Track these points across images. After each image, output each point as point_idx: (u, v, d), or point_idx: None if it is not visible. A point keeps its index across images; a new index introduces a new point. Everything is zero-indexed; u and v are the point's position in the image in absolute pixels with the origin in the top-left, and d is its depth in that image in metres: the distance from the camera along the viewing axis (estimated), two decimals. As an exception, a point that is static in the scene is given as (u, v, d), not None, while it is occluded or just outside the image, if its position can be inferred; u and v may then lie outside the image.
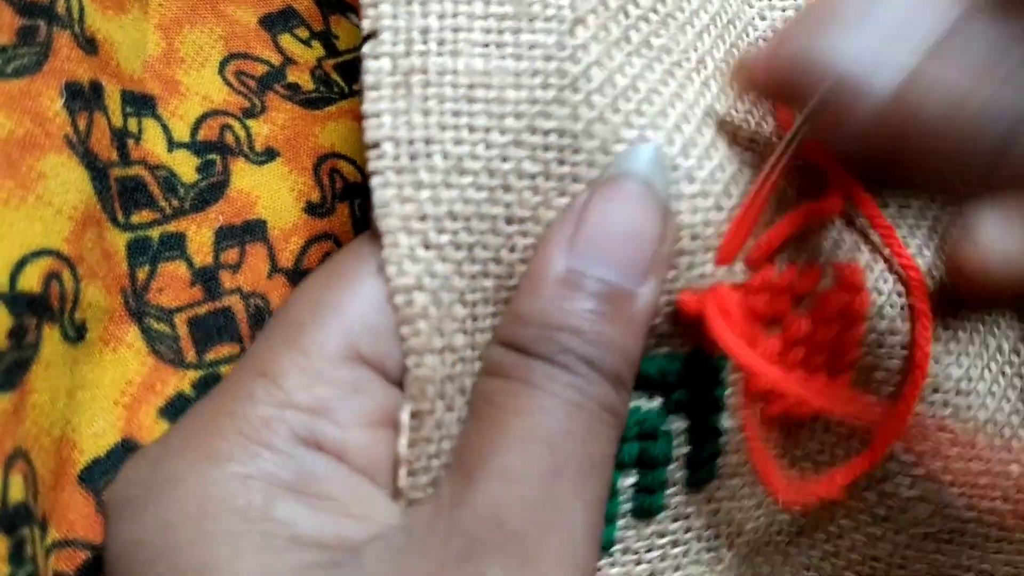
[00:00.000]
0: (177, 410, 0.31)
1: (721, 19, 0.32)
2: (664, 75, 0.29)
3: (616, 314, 0.26)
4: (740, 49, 0.33)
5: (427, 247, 0.27)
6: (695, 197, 0.28)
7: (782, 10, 0.34)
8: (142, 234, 0.31)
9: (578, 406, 0.25)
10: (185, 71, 0.34)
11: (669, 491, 0.30)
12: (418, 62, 0.27)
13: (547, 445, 0.25)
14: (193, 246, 0.32)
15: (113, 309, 0.30)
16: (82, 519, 0.29)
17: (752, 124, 0.31)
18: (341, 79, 0.37)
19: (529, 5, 0.28)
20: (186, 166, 0.33)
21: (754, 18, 0.34)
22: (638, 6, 0.29)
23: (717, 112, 0.30)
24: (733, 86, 0.30)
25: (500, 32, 0.27)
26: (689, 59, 0.30)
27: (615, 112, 0.28)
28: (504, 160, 0.27)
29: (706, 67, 0.31)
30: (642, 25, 0.29)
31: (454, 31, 0.27)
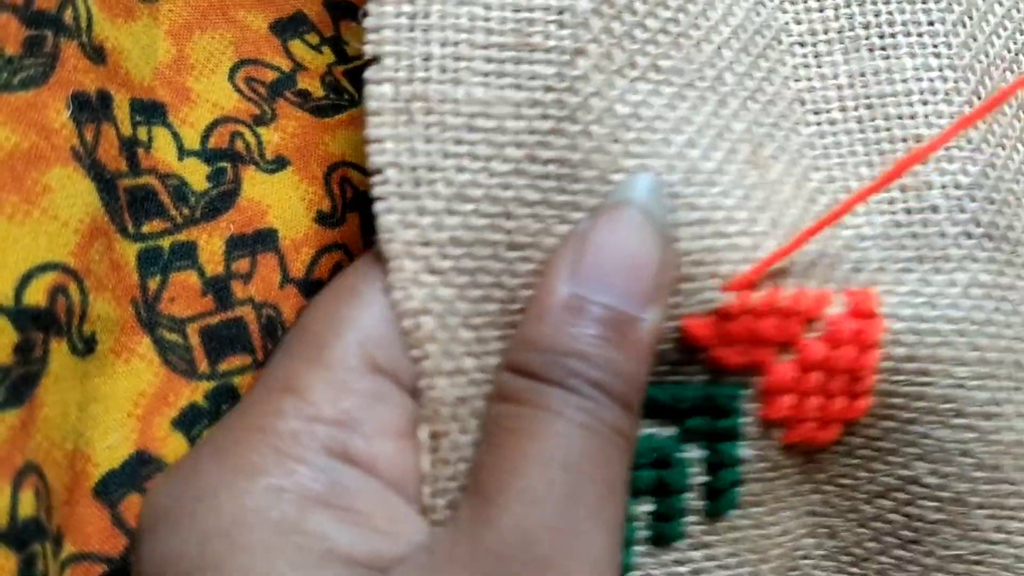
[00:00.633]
0: (190, 421, 0.31)
1: (745, 30, 0.32)
2: (672, 99, 0.29)
3: (621, 339, 0.26)
4: (769, 59, 0.32)
5: (432, 272, 0.27)
6: (697, 225, 0.28)
7: (820, 11, 0.33)
8: (153, 244, 0.31)
9: (591, 430, 0.25)
10: (196, 78, 0.33)
11: (688, 519, 0.30)
12: (420, 89, 0.27)
13: (565, 468, 0.25)
14: (204, 255, 0.32)
15: (124, 320, 0.30)
16: (98, 532, 0.29)
17: (778, 138, 0.31)
18: (351, 86, 0.36)
19: (529, 36, 0.28)
20: (197, 174, 0.32)
21: (788, 23, 0.33)
22: (646, 29, 0.29)
23: (734, 130, 0.30)
24: None
25: (501, 62, 0.28)
26: (704, 78, 0.30)
27: (614, 142, 0.28)
28: (505, 188, 0.27)
29: (724, 84, 0.30)
30: (650, 48, 0.29)
31: (455, 59, 0.28)
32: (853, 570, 0.34)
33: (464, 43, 0.28)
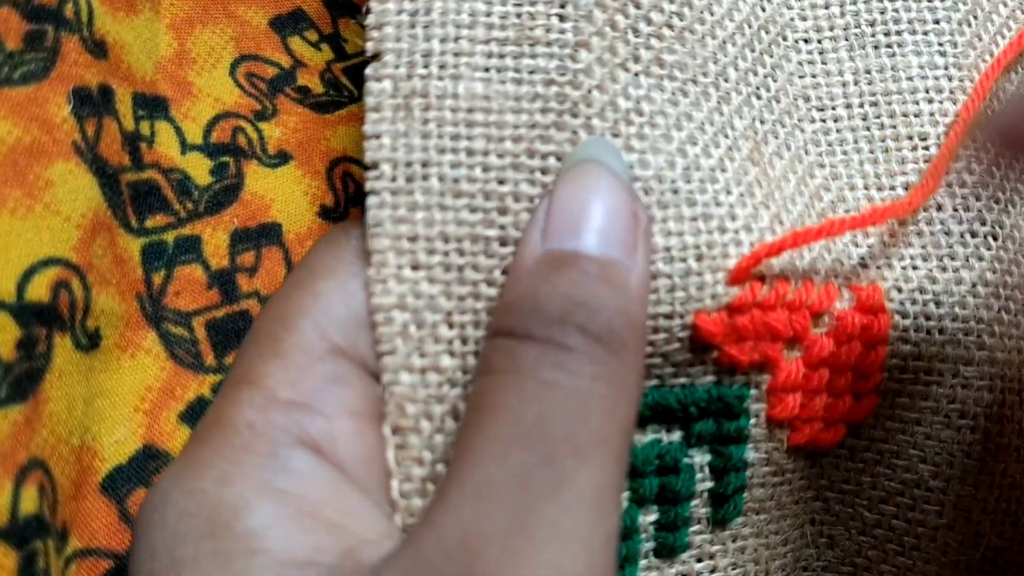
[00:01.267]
0: (198, 415, 0.31)
1: (750, 25, 0.31)
2: (674, 94, 0.29)
3: (605, 280, 0.24)
4: (773, 55, 0.32)
5: (415, 268, 0.26)
6: (697, 220, 0.28)
7: (825, 7, 0.33)
8: (157, 238, 0.31)
9: (558, 386, 0.23)
10: (197, 72, 0.33)
11: (693, 528, 0.29)
12: (419, 85, 0.27)
13: (521, 442, 0.23)
14: (209, 249, 0.32)
15: (129, 315, 0.30)
16: (104, 528, 0.29)
17: (781, 134, 0.31)
18: (351, 83, 0.36)
19: (531, 29, 0.28)
20: (200, 168, 0.32)
21: (793, 19, 0.33)
22: (650, 23, 0.29)
23: (736, 127, 0.30)
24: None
25: (501, 56, 0.28)
26: (707, 73, 0.30)
27: (615, 136, 0.28)
28: (501, 183, 0.27)
29: (727, 79, 0.30)
30: (653, 42, 0.29)
31: (455, 55, 0.27)
32: None
33: (465, 39, 0.28)
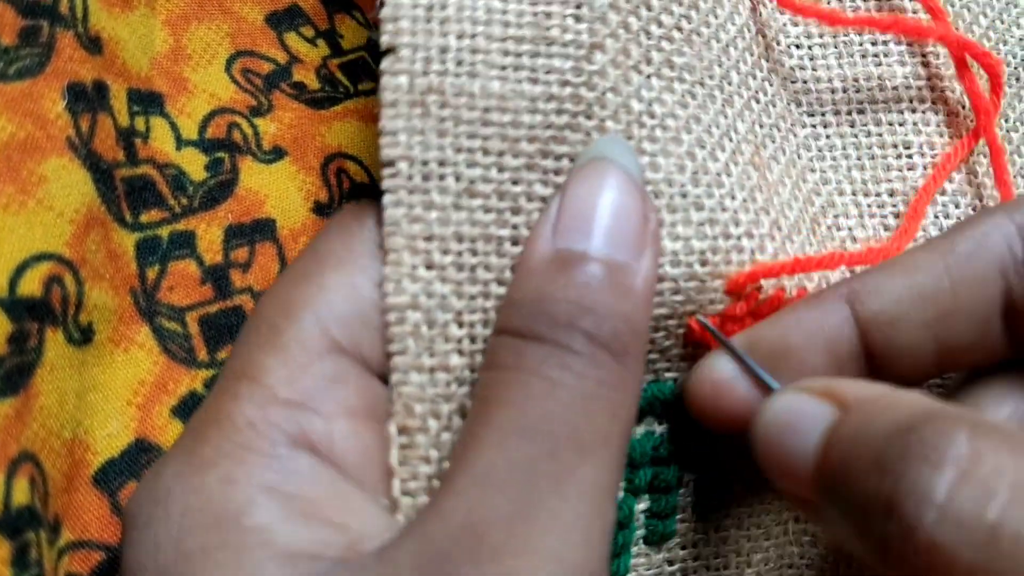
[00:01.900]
0: (190, 409, 0.31)
1: (750, 29, 0.32)
2: (683, 95, 0.29)
3: (612, 284, 0.25)
4: (770, 59, 0.32)
5: (429, 267, 0.27)
6: (703, 224, 0.28)
7: None
8: (151, 233, 0.31)
9: (563, 385, 0.24)
10: (193, 68, 0.33)
11: (679, 516, 0.30)
12: (436, 82, 0.27)
13: (527, 434, 0.23)
14: (203, 244, 0.32)
15: (122, 309, 0.30)
16: (97, 520, 0.29)
17: (777, 138, 0.31)
18: (346, 79, 0.36)
19: (547, 29, 0.28)
20: (195, 164, 0.32)
21: (785, 24, 0.33)
22: (661, 25, 0.29)
23: (739, 130, 0.30)
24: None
25: (518, 55, 0.28)
26: (712, 75, 0.30)
27: (628, 138, 0.28)
28: (516, 183, 0.27)
29: (730, 82, 0.30)
30: (665, 44, 0.29)
31: (472, 52, 0.27)
32: None
33: (481, 36, 0.27)
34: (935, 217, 0.33)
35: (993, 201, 0.33)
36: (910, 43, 0.34)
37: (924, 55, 0.34)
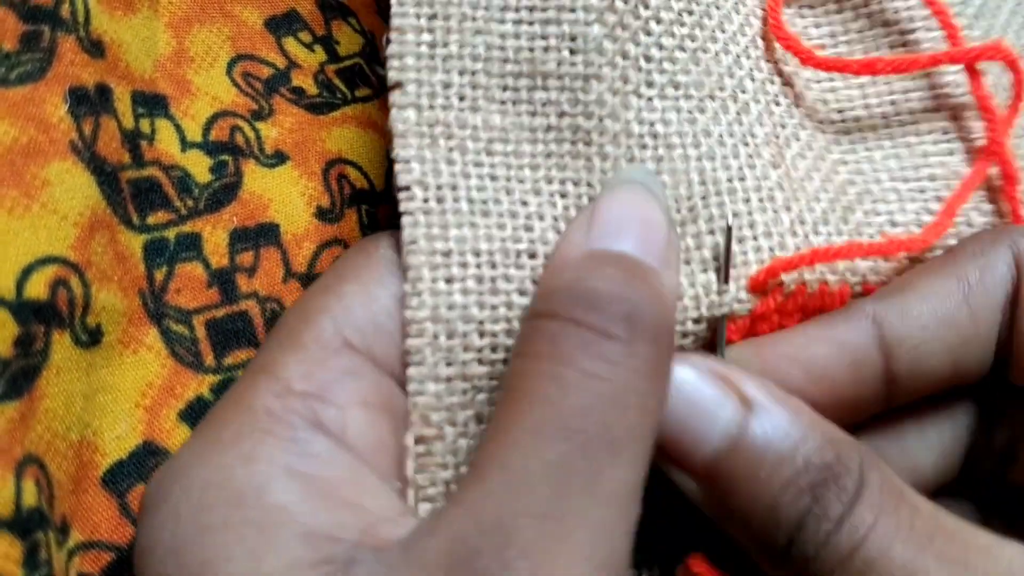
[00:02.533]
0: (197, 414, 0.31)
1: (764, 38, 0.32)
2: (691, 112, 0.30)
3: (644, 281, 0.25)
4: (789, 63, 0.32)
5: (448, 281, 0.28)
6: (714, 233, 0.29)
7: (838, 12, 0.34)
8: (158, 235, 0.31)
9: (598, 378, 0.24)
10: (195, 70, 0.33)
11: None
12: (441, 115, 0.29)
13: (561, 433, 0.23)
14: (209, 247, 0.32)
15: (131, 311, 0.30)
16: (106, 521, 0.29)
17: (803, 137, 0.31)
18: (343, 85, 0.36)
19: (543, 64, 0.29)
20: (200, 166, 0.33)
21: (807, 27, 0.34)
22: (662, 48, 0.30)
23: (757, 135, 0.30)
24: None
25: (516, 90, 0.29)
26: (724, 87, 0.30)
27: (629, 161, 0.29)
28: (524, 204, 0.29)
29: (745, 91, 0.31)
30: (667, 66, 0.30)
31: (473, 88, 0.29)
32: None
33: (481, 72, 0.29)
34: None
35: None
36: (940, 28, 0.33)
37: (955, 40, 0.33)
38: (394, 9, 0.29)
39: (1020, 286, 0.28)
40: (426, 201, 0.28)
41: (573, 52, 0.29)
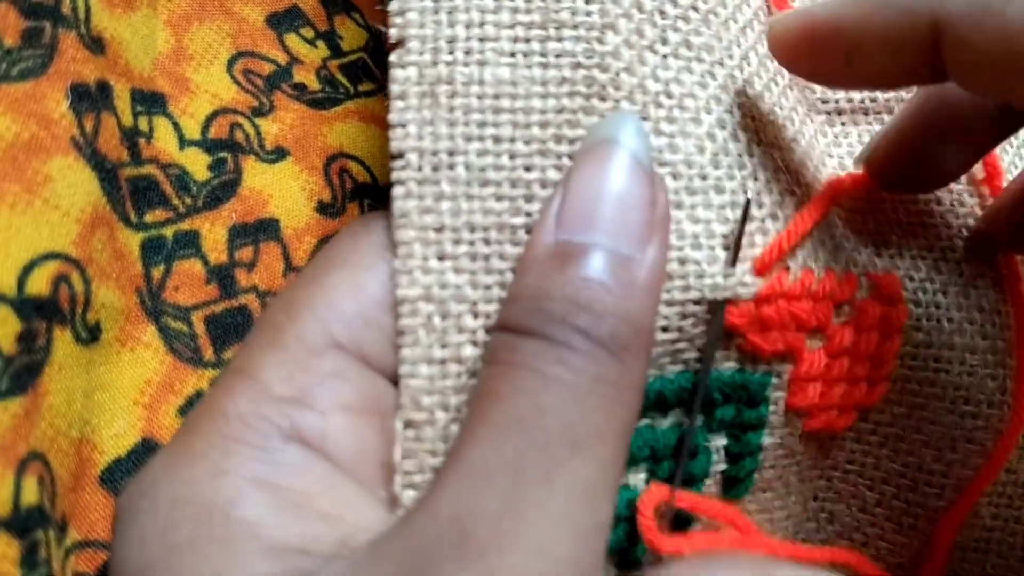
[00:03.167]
0: (196, 410, 0.31)
1: (765, 12, 0.31)
2: (703, 76, 0.29)
3: (613, 280, 0.24)
4: None
5: (441, 258, 0.26)
6: (724, 208, 0.28)
7: None
8: (156, 233, 0.31)
9: (558, 380, 0.23)
10: (195, 68, 0.33)
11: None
12: (445, 72, 0.27)
13: (517, 427, 0.23)
14: (207, 244, 0.32)
15: (129, 309, 0.30)
16: (103, 520, 0.29)
17: (796, 122, 0.31)
18: (346, 80, 0.36)
19: (556, 12, 0.27)
20: (198, 164, 0.33)
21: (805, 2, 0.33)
22: (676, 5, 0.29)
23: (760, 110, 0.30)
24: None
25: (527, 41, 0.27)
26: (732, 56, 0.29)
27: (644, 119, 0.27)
28: (528, 170, 0.27)
29: (750, 64, 0.30)
30: (681, 24, 0.29)
31: (481, 40, 0.27)
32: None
33: (490, 23, 0.27)
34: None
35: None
36: None
37: None
38: None
39: None
40: (420, 169, 0.26)
41: (588, 1, 0.28)
